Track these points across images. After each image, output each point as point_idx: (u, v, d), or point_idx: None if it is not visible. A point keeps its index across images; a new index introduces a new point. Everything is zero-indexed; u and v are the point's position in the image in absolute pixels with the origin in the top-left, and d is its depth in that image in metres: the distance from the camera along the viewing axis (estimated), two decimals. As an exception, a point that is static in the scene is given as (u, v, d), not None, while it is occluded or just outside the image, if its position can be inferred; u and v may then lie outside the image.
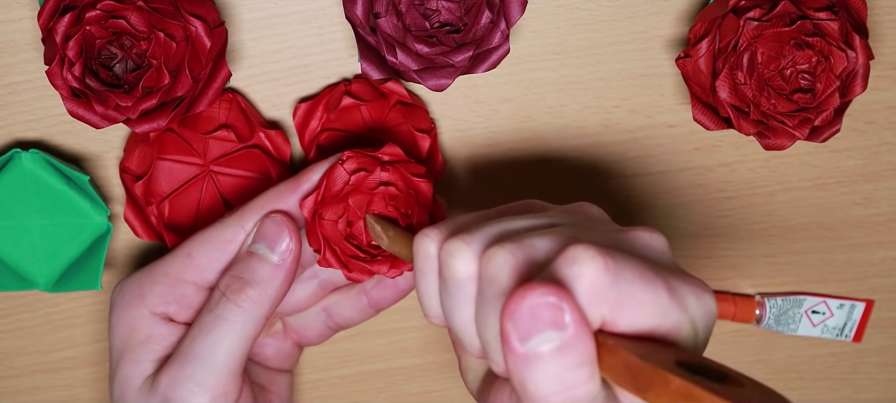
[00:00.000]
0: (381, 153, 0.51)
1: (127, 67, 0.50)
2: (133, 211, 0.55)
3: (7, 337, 0.60)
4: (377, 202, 0.52)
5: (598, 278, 0.38)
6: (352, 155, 0.51)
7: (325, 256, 0.52)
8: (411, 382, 0.63)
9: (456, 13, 0.51)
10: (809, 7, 0.51)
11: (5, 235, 0.55)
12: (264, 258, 0.51)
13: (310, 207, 0.51)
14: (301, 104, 0.55)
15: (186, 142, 0.54)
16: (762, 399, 0.34)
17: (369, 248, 0.52)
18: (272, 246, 0.51)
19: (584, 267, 0.38)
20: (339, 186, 0.51)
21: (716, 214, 0.60)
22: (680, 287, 0.40)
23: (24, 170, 0.53)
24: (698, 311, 0.40)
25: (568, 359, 0.37)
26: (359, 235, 0.52)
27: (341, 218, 0.51)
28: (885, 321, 0.64)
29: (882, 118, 0.59)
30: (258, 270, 0.51)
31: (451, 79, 0.52)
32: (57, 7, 0.49)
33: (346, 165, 0.51)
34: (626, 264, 0.39)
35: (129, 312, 0.52)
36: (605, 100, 0.57)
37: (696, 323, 0.40)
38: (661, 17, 0.56)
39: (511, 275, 0.40)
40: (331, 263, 0.52)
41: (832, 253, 0.62)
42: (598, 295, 0.38)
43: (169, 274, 0.52)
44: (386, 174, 0.52)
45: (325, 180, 0.51)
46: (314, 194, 0.51)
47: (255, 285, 0.50)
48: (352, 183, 0.51)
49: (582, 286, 0.38)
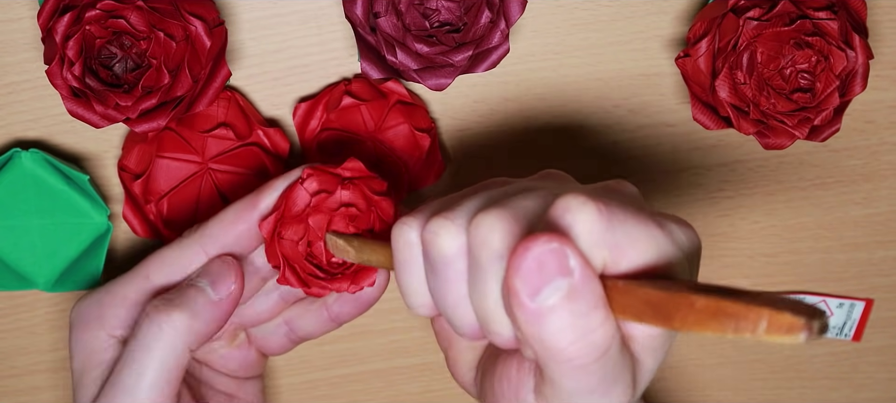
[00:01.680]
0: (342, 169, 0.50)
1: (127, 67, 0.50)
2: (132, 209, 0.55)
3: (7, 337, 0.60)
4: (337, 221, 0.50)
5: (594, 221, 0.38)
6: (312, 173, 0.50)
7: (284, 275, 0.51)
8: (411, 381, 0.63)
9: (456, 13, 0.51)
10: (809, 7, 0.51)
11: (5, 235, 0.55)
12: (202, 289, 0.49)
13: (269, 228, 0.50)
14: (301, 104, 0.55)
15: (185, 140, 0.54)
16: (784, 301, 0.34)
17: (329, 267, 0.51)
18: (214, 284, 0.49)
19: (579, 213, 0.38)
20: (299, 207, 0.50)
21: (716, 214, 0.60)
22: (666, 221, 0.40)
23: (24, 170, 0.54)
24: (686, 243, 0.40)
25: (580, 304, 0.37)
26: (318, 254, 0.51)
27: (302, 240, 0.50)
28: (885, 320, 0.64)
29: (882, 118, 0.59)
30: (193, 299, 0.49)
31: (450, 78, 0.52)
32: (57, 7, 0.49)
33: (307, 185, 0.50)
34: (616, 206, 0.39)
35: (86, 334, 0.51)
36: (605, 100, 0.57)
37: (687, 253, 0.40)
38: (660, 16, 0.56)
39: (504, 237, 0.39)
40: (290, 282, 0.51)
41: (832, 253, 0.62)
42: (596, 239, 0.38)
43: (127, 296, 0.51)
44: (347, 193, 0.50)
45: (286, 200, 0.50)
46: (274, 214, 0.50)
47: (184, 310, 0.49)
48: (312, 204, 0.50)
49: (581, 230, 0.38)
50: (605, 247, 0.38)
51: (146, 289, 0.51)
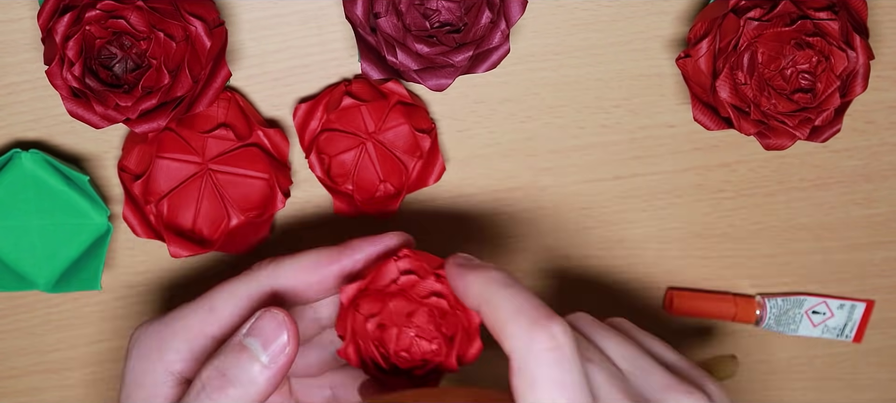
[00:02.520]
0: (439, 269, 0.47)
1: (127, 67, 0.50)
2: (132, 210, 0.55)
3: (7, 337, 0.60)
4: (421, 316, 0.47)
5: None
6: (409, 254, 0.47)
7: (346, 349, 0.48)
8: (411, 382, 0.63)
9: (456, 13, 0.51)
10: (810, 7, 0.51)
11: (5, 235, 0.55)
12: (254, 356, 0.46)
13: (349, 295, 0.47)
14: (301, 104, 0.55)
15: (185, 141, 0.54)
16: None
17: (395, 363, 0.48)
18: (266, 345, 0.46)
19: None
20: (385, 282, 0.47)
21: (716, 214, 0.60)
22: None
23: (24, 170, 0.53)
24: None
25: None
26: (387, 341, 0.48)
27: (374, 318, 0.47)
28: (886, 321, 0.64)
29: (882, 118, 0.59)
30: (244, 369, 0.46)
31: (451, 79, 0.52)
32: (57, 7, 0.49)
33: (400, 263, 0.47)
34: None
35: (142, 364, 0.49)
36: (605, 100, 0.57)
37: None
38: (661, 17, 0.56)
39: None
40: (350, 359, 0.48)
41: (832, 254, 0.62)
42: None
43: (190, 327, 0.48)
44: (439, 285, 0.47)
45: (374, 271, 0.47)
46: (358, 283, 0.47)
47: (238, 386, 0.46)
48: (400, 283, 0.47)
49: None
50: None
51: (210, 322, 0.48)
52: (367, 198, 0.56)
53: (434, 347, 0.47)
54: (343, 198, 0.56)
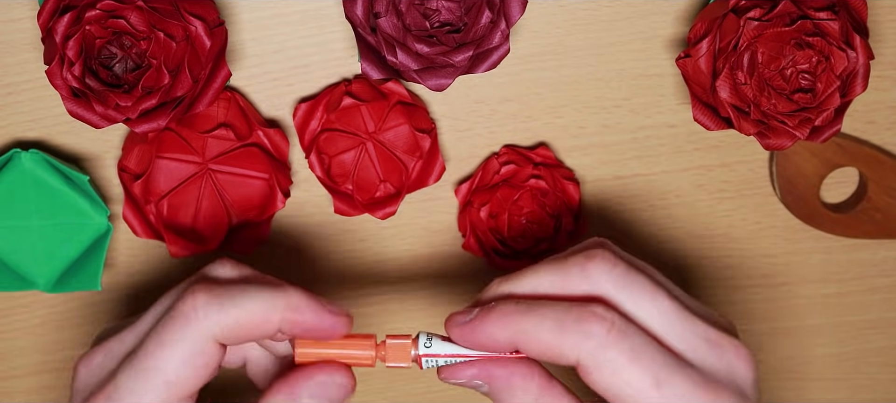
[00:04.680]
0: (534, 153, 0.56)
1: (127, 67, 0.50)
2: (132, 209, 0.55)
3: (7, 338, 0.60)
4: (525, 198, 0.56)
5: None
6: (507, 150, 0.56)
7: (468, 242, 0.57)
8: (411, 382, 0.63)
9: (456, 13, 0.51)
10: (810, 7, 0.51)
11: (5, 235, 0.55)
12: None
13: (463, 194, 0.56)
14: (301, 104, 0.55)
15: (185, 141, 0.54)
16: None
17: (512, 243, 0.56)
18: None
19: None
20: (490, 176, 0.56)
21: (716, 214, 0.60)
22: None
23: (24, 170, 0.53)
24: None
25: None
26: (502, 227, 0.56)
27: (485, 207, 0.56)
28: (886, 321, 0.64)
29: (882, 118, 0.59)
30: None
31: (451, 78, 0.52)
32: (57, 7, 0.49)
33: (501, 158, 0.56)
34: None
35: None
36: (605, 100, 0.57)
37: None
38: (661, 17, 0.56)
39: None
40: (473, 249, 0.57)
41: (832, 254, 0.62)
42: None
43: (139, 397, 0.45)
44: (537, 170, 0.56)
45: (480, 170, 0.56)
46: (469, 182, 0.56)
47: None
48: (502, 173, 0.55)
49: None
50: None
51: (160, 388, 0.45)
52: (367, 198, 0.56)
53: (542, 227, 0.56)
54: (343, 198, 0.56)
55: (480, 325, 0.45)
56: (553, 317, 0.44)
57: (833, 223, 0.60)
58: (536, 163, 0.56)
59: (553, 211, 0.57)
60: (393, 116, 0.55)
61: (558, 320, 0.44)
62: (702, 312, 0.47)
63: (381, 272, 0.60)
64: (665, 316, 0.45)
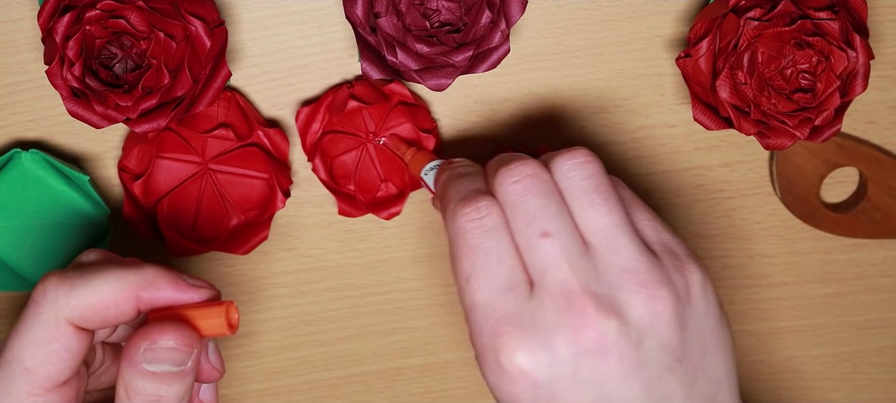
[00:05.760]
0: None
1: (127, 67, 0.50)
2: (132, 209, 0.55)
3: (7, 338, 0.60)
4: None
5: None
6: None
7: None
8: (411, 382, 0.63)
9: (456, 13, 0.51)
10: (810, 7, 0.51)
11: (5, 235, 0.55)
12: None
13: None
14: (303, 108, 0.55)
15: (185, 141, 0.54)
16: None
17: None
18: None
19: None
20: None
21: (716, 214, 0.60)
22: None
23: (24, 170, 0.53)
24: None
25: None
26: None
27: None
28: (885, 321, 0.64)
29: (882, 118, 0.59)
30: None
31: (451, 78, 0.52)
32: (57, 7, 0.49)
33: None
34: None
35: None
36: (605, 100, 0.57)
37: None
38: (661, 16, 0.56)
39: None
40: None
41: (832, 254, 0.62)
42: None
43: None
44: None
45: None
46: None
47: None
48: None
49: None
50: None
51: (26, 384, 0.45)
52: (369, 199, 0.56)
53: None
54: (346, 200, 0.56)
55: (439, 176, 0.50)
56: (458, 189, 0.48)
57: (833, 223, 0.60)
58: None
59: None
60: (394, 116, 0.55)
61: (460, 193, 0.47)
62: (648, 238, 0.47)
63: (381, 272, 0.60)
64: (599, 229, 0.46)
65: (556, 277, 0.44)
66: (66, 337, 0.44)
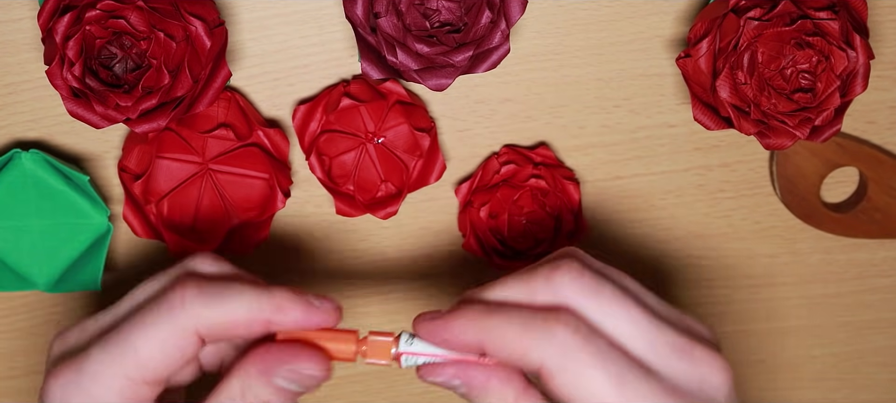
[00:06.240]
0: (534, 153, 0.56)
1: (127, 67, 0.50)
2: (132, 209, 0.55)
3: (7, 338, 0.60)
4: (525, 198, 0.56)
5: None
6: (508, 150, 0.56)
7: (469, 242, 0.57)
8: (411, 382, 0.63)
9: (456, 13, 0.51)
10: (810, 7, 0.51)
11: (5, 235, 0.55)
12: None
13: (463, 194, 0.57)
14: (300, 106, 0.55)
15: (185, 141, 0.54)
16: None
17: (512, 243, 0.56)
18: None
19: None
20: (490, 176, 0.56)
21: (716, 214, 0.60)
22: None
23: (24, 170, 0.53)
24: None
25: None
26: (501, 227, 0.56)
27: (485, 207, 0.56)
28: (886, 321, 0.64)
29: (882, 118, 0.59)
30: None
31: (451, 78, 0.52)
32: (57, 7, 0.49)
33: (500, 158, 0.56)
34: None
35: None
36: (605, 100, 0.57)
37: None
38: (661, 16, 0.56)
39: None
40: (473, 249, 0.57)
41: (832, 254, 0.62)
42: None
43: (112, 375, 0.45)
44: (537, 170, 0.56)
45: (480, 170, 0.56)
46: (469, 182, 0.56)
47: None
48: (502, 173, 0.56)
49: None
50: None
51: (130, 365, 0.45)
52: (368, 199, 0.56)
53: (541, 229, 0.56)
54: (345, 199, 0.56)
55: (447, 323, 0.45)
56: (519, 319, 0.44)
57: (833, 223, 0.60)
58: (536, 163, 0.56)
59: (553, 211, 0.57)
60: (392, 116, 0.55)
61: (524, 322, 0.44)
62: (675, 319, 0.46)
63: (381, 272, 0.60)
64: (634, 324, 0.44)
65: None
66: (187, 344, 0.45)
